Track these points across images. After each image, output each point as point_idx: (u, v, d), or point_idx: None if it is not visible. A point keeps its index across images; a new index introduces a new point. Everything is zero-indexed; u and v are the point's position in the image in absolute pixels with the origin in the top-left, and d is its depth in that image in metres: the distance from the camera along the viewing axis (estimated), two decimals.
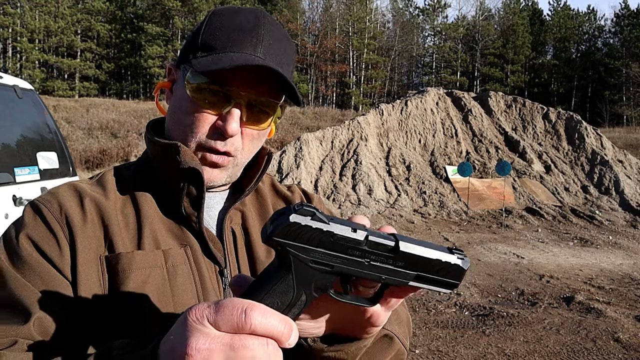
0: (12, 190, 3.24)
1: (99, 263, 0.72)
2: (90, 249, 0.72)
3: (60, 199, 0.75)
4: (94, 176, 0.84)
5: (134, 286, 0.70)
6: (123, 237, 0.74)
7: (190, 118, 0.76)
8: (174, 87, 0.81)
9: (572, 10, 54.53)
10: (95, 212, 0.75)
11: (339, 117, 28.48)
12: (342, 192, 12.50)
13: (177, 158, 0.75)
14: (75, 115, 24.62)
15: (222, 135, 0.76)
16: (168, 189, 0.79)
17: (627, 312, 5.20)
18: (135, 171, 0.84)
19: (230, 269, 0.79)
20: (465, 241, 9.36)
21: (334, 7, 50.71)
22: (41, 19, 40.10)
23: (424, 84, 48.89)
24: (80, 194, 0.77)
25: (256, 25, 0.76)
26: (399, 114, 15.43)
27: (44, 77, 39.86)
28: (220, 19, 0.77)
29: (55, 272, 0.70)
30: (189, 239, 0.77)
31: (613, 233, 10.55)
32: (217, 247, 0.79)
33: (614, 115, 42.69)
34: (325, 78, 47.66)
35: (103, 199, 0.77)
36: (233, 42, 0.74)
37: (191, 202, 0.78)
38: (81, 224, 0.73)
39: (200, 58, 0.74)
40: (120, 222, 0.75)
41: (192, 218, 0.78)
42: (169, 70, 0.84)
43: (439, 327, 4.79)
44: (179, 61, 0.80)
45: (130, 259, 0.72)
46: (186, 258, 0.75)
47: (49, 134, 4.07)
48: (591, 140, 15.27)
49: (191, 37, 0.80)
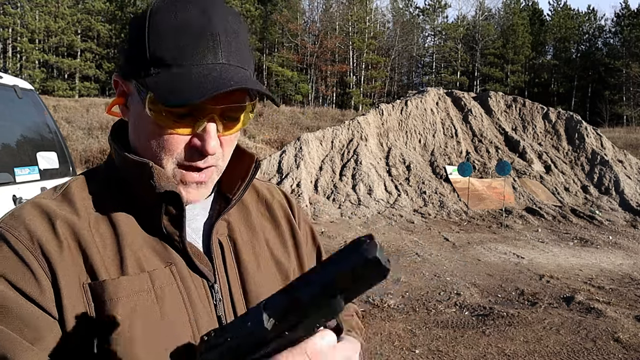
0: (12, 190, 3.24)
1: (83, 293, 0.65)
2: (72, 279, 0.65)
3: (28, 224, 0.66)
4: (58, 187, 0.74)
5: (123, 314, 0.65)
6: (104, 261, 0.67)
7: (159, 141, 0.69)
8: (129, 102, 0.73)
9: (572, 10, 54.51)
10: (70, 236, 0.67)
11: (339, 117, 28.49)
12: (342, 192, 12.50)
13: (150, 182, 0.68)
14: (75, 115, 24.63)
15: (201, 154, 0.70)
16: (144, 205, 0.72)
17: (627, 312, 5.20)
18: (106, 181, 0.75)
19: (220, 283, 0.75)
20: (465, 241, 9.36)
21: (334, 7, 50.71)
22: (41, 19, 40.10)
23: (424, 84, 48.89)
24: (49, 216, 0.68)
25: (207, 22, 0.68)
26: (399, 114, 15.43)
27: (44, 77, 39.85)
28: (164, 21, 0.67)
29: (40, 311, 0.63)
30: (173, 256, 0.72)
31: (613, 233, 10.55)
32: (204, 262, 0.74)
33: (614, 115, 42.68)
34: (325, 78, 47.64)
35: (75, 219, 0.69)
36: (188, 52, 0.66)
37: (171, 220, 0.71)
38: (57, 252, 0.65)
39: (155, 76, 0.66)
40: (98, 244, 0.68)
41: (174, 237, 0.72)
42: (115, 83, 0.74)
43: (439, 327, 4.79)
44: (128, 72, 0.71)
45: (116, 286, 0.65)
46: (173, 278, 0.70)
47: (49, 134, 4.07)
48: (591, 140, 15.27)
49: (134, 44, 0.69)
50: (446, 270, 7.01)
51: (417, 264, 7.34)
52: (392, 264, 0.51)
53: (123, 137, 0.77)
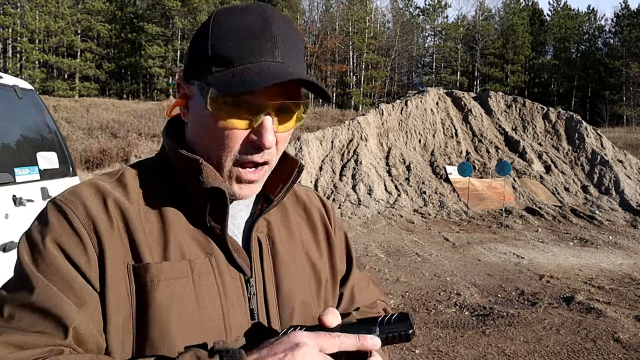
0: (12, 190, 3.24)
1: (127, 273, 0.70)
2: (118, 258, 0.70)
3: (85, 201, 0.72)
4: (113, 173, 0.80)
5: (161, 297, 0.70)
6: (150, 246, 0.72)
7: (219, 138, 0.73)
8: (190, 104, 0.77)
9: (572, 10, 54.55)
10: (120, 218, 0.73)
11: (339, 117, 28.49)
12: (342, 192, 12.50)
13: (199, 178, 0.73)
14: (75, 115, 24.63)
15: (258, 148, 0.74)
16: (192, 198, 0.77)
17: (627, 312, 5.20)
18: (158, 173, 0.81)
19: (255, 277, 0.79)
20: (465, 241, 9.36)
21: (334, 7, 50.71)
22: (41, 19, 40.10)
23: (424, 84, 48.87)
24: (104, 195, 0.74)
25: (266, 25, 0.72)
26: (399, 114, 15.43)
27: (44, 77, 39.87)
28: (226, 25, 0.72)
29: (84, 282, 0.68)
30: (214, 248, 0.76)
31: (613, 233, 10.55)
32: (242, 256, 0.78)
33: (614, 115, 42.68)
34: (326, 78, 47.65)
35: (127, 203, 0.74)
36: (249, 51, 0.71)
37: (215, 214, 0.76)
38: (109, 231, 0.71)
39: (217, 74, 0.71)
40: (145, 229, 0.73)
41: (216, 230, 0.76)
42: (178, 85, 0.79)
43: (439, 327, 4.79)
44: (190, 75, 0.76)
45: (158, 270, 0.71)
46: (211, 268, 0.75)
47: (49, 134, 4.06)
48: (591, 140, 15.27)
49: (198, 48, 0.74)
50: (446, 270, 7.01)
51: (417, 264, 7.34)
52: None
53: (177, 134, 0.81)
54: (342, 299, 0.96)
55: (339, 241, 0.97)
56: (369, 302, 1.01)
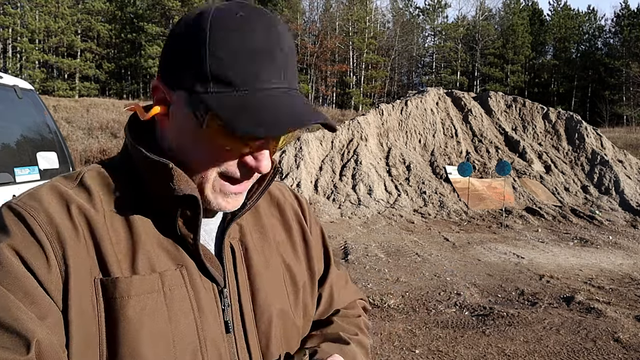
0: (12, 190, 3.24)
1: (94, 287, 0.64)
2: (83, 271, 0.64)
3: (47, 207, 0.65)
4: (73, 176, 0.72)
5: (132, 313, 0.64)
6: (118, 258, 0.66)
7: (209, 153, 0.68)
8: (173, 111, 0.69)
9: (572, 10, 54.52)
10: (86, 226, 0.66)
11: (339, 117, 28.47)
12: (342, 192, 12.50)
13: (170, 185, 0.67)
14: (75, 115, 24.62)
15: (250, 171, 0.70)
16: (160, 205, 0.71)
17: (627, 312, 5.20)
18: (121, 176, 0.73)
19: (230, 287, 0.74)
20: (465, 241, 9.36)
21: (334, 7, 50.72)
22: (41, 19, 40.08)
23: (424, 84, 48.88)
24: (67, 201, 0.67)
25: (273, 44, 0.66)
26: (399, 114, 15.43)
27: (44, 77, 39.84)
28: (226, 38, 0.64)
29: (45, 293, 0.62)
30: (185, 258, 0.71)
31: (613, 233, 10.55)
32: (215, 265, 0.73)
33: (614, 115, 42.66)
34: (326, 78, 47.66)
35: (92, 210, 0.67)
36: (253, 74, 0.64)
37: (186, 223, 0.70)
38: (74, 241, 0.64)
39: (216, 95, 0.64)
40: (112, 239, 0.67)
41: (187, 239, 0.71)
42: (156, 89, 0.71)
43: (439, 327, 4.79)
44: (174, 82, 0.68)
45: (128, 285, 0.65)
46: (182, 280, 0.69)
47: (49, 134, 4.06)
48: (591, 140, 15.27)
49: (188, 53, 0.66)
50: (446, 270, 7.01)
51: (417, 264, 7.34)
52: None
53: (140, 132, 0.75)
54: (321, 299, 0.92)
55: (316, 239, 0.93)
56: (348, 301, 0.98)
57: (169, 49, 0.70)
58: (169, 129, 0.71)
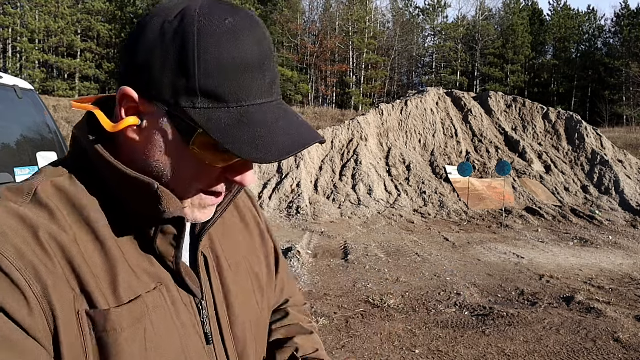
0: None
1: (79, 322, 0.58)
2: (67, 305, 0.57)
3: (14, 238, 0.56)
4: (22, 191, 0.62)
5: (126, 346, 0.60)
6: (100, 287, 0.60)
7: (190, 170, 0.64)
8: (147, 123, 0.63)
9: (572, 10, 54.51)
10: (60, 254, 0.58)
11: (339, 117, 28.48)
12: (342, 192, 12.50)
13: (158, 207, 0.62)
14: (75, 115, 24.61)
15: (233, 184, 0.67)
16: (136, 222, 0.65)
17: (627, 312, 5.20)
18: (80, 186, 0.64)
19: (206, 299, 0.72)
20: (465, 241, 9.36)
21: (334, 7, 50.72)
22: (41, 19, 40.09)
23: (424, 84, 48.87)
24: (34, 228, 0.58)
25: (263, 57, 0.62)
26: (399, 114, 15.44)
27: (44, 77, 39.85)
28: (218, 46, 0.59)
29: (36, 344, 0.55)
30: (161, 273, 0.67)
31: (613, 233, 10.55)
32: (191, 277, 0.70)
33: (614, 115, 42.66)
34: (325, 78, 47.65)
35: (63, 235, 0.59)
36: (245, 90, 0.60)
37: (167, 241, 0.66)
38: (52, 274, 0.56)
39: (205, 111, 0.59)
40: (89, 262, 0.60)
41: (167, 257, 0.67)
42: (127, 97, 0.62)
43: (439, 327, 4.79)
44: (150, 93, 0.61)
45: (119, 317, 0.60)
46: (163, 300, 0.65)
47: (49, 134, 4.06)
48: (591, 140, 15.28)
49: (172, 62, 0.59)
50: (446, 270, 7.01)
51: (417, 264, 7.34)
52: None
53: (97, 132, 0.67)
54: (275, 289, 0.93)
55: (268, 234, 0.92)
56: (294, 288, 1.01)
57: (144, 52, 0.60)
58: (140, 143, 0.64)
